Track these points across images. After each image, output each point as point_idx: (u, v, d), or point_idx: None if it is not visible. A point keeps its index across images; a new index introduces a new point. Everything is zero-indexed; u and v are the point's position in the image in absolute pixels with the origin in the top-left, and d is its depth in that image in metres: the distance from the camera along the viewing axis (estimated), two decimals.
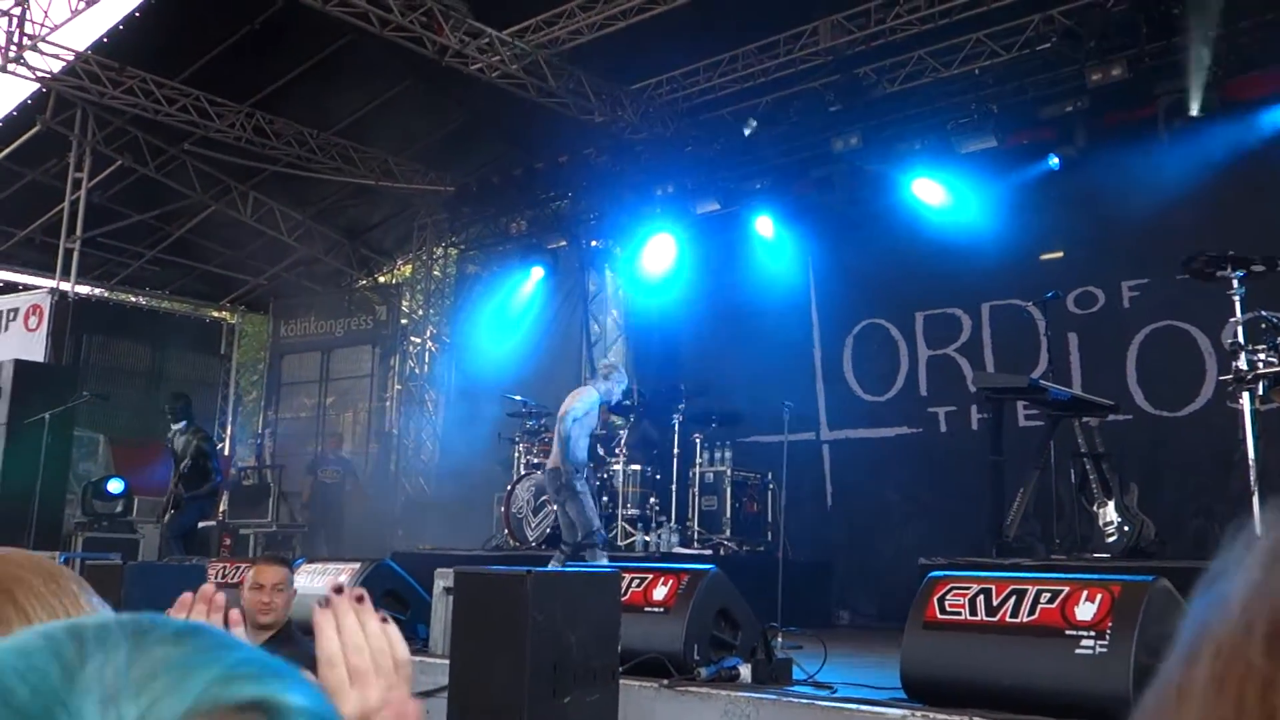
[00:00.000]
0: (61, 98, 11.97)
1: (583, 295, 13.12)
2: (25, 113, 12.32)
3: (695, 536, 9.51)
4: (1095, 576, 3.68)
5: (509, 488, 10.18)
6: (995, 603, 3.73)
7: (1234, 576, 0.47)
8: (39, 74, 11.25)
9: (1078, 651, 3.41)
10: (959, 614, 3.81)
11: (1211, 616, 0.46)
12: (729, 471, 9.64)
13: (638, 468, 9.70)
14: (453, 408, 14.30)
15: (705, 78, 11.03)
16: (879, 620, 9.13)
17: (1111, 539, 6.67)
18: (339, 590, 0.90)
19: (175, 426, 10.24)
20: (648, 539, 9.39)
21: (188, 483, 9.81)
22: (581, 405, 7.83)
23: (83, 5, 9.80)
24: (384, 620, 0.88)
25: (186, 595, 1.04)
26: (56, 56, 11.16)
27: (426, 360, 14.96)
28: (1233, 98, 8.44)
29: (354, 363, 15.45)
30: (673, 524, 9.42)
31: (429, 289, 15.15)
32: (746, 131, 10.49)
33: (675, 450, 9.78)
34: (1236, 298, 5.82)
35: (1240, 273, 5.82)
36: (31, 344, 13.40)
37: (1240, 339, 5.69)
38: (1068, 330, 9.20)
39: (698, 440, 9.81)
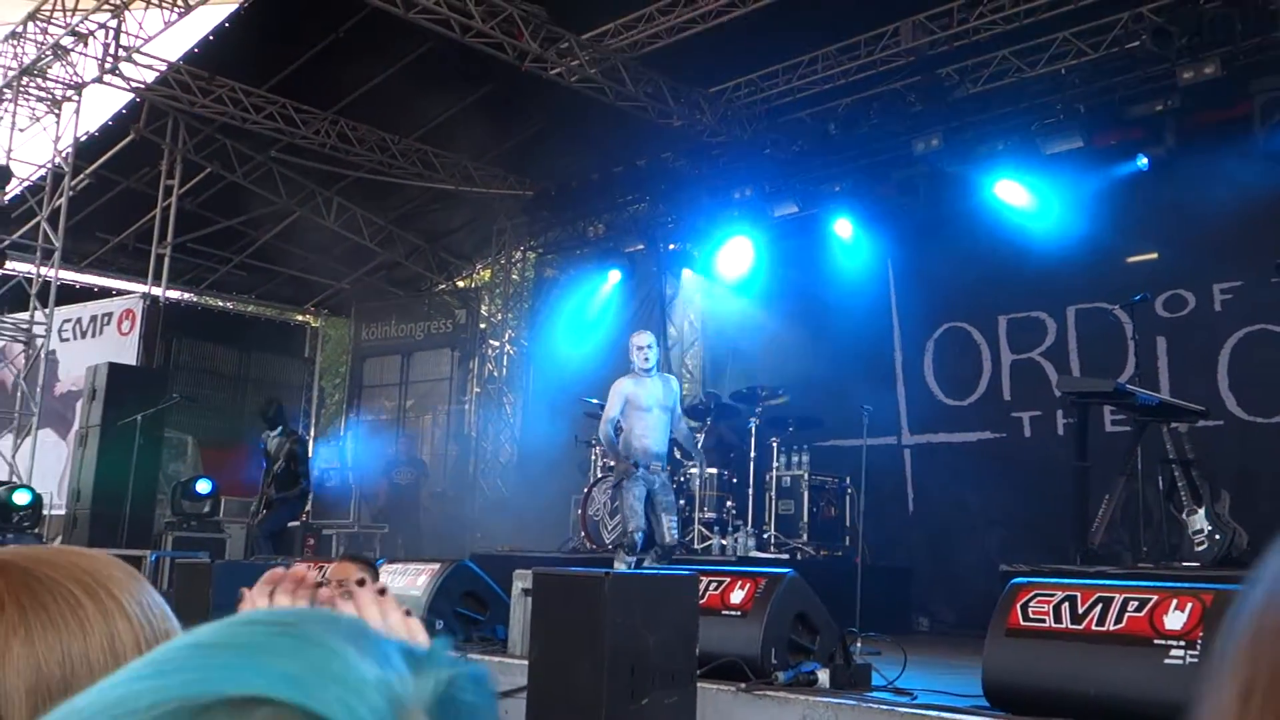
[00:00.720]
0: (154, 107, 12.31)
1: (660, 298, 13.12)
2: (120, 122, 12.69)
3: (772, 540, 9.46)
4: (1185, 585, 3.59)
5: (586, 490, 10.22)
6: (1080, 610, 3.65)
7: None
8: (133, 84, 11.58)
9: (1167, 661, 3.32)
10: (1043, 621, 3.74)
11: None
12: (806, 475, 9.58)
13: (714, 471, 9.68)
14: (530, 410, 14.41)
15: (784, 80, 10.98)
16: (959, 627, 8.99)
17: (1201, 548, 6.50)
18: (361, 582, 0.90)
19: (270, 431, 10.42)
20: (724, 542, 9.37)
21: (279, 484, 10.01)
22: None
23: (175, 17, 10.07)
24: (407, 614, 0.88)
25: (277, 570, 1.02)
26: (150, 67, 11.48)
27: (505, 363, 15.10)
28: None
29: (433, 366, 15.65)
30: (749, 528, 9.38)
31: (507, 293, 15.28)
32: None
33: (752, 454, 9.74)
34: None
35: None
36: (124, 347, 13.81)
37: None
38: (1156, 334, 8.98)
39: (774, 444, 9.76)
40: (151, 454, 11.26)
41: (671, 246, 13.21)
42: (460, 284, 16.79)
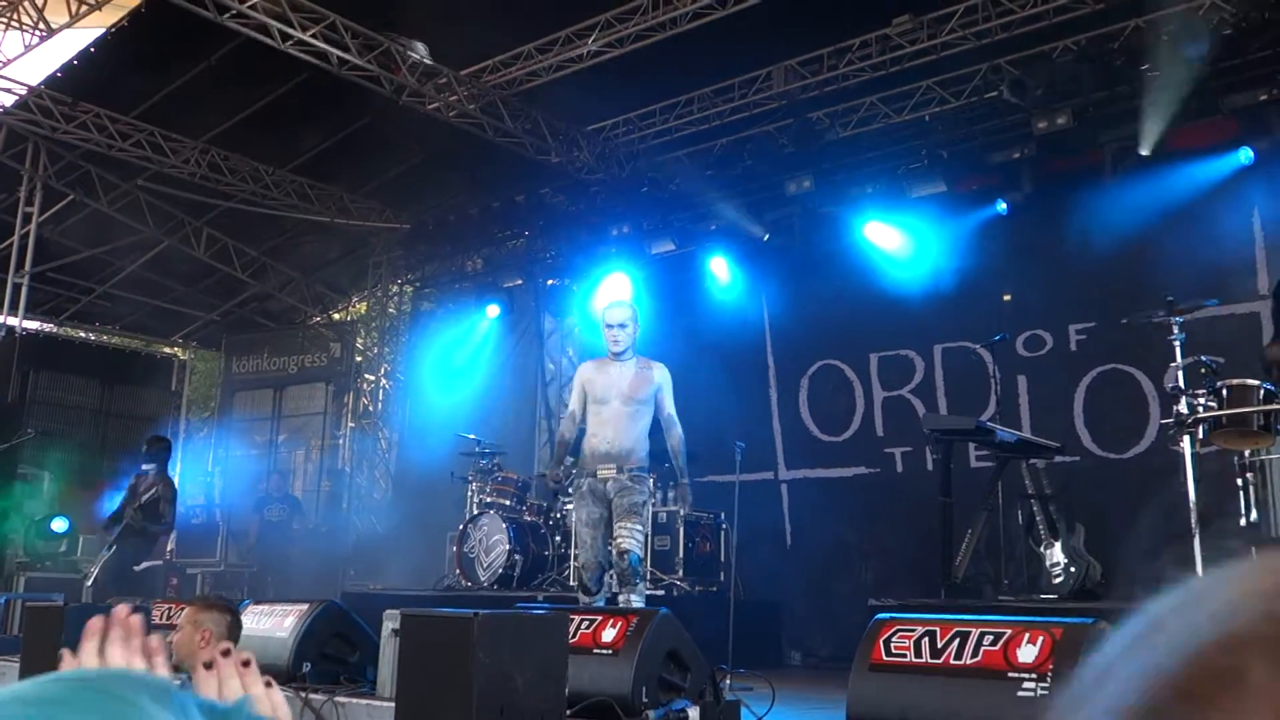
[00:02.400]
0: (13, 132, 11.87)
1: (538, 334, 13.12)
2: None
3: (648, 577, 9.47)
4: (1038, 619, 3.73)
5: (461, 527, 10.12)
6: (940, 644, 3.76)
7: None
8: None
9: (1019, 694, 3.44)
10: (904, 655, 3.84)
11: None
12: (681, 511, 9.63)
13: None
14: (406, 446, 14.22)
15: (661, 120, 11.14)
16: (834, 661, 9.13)
17: (1058, 580, 6.75)
18: (226, 653, 0.89)
19: (146, 467, 9.68)
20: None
21: (134, 523, 9.39)
22: None
23: (36, 41, 9.75)
24: (268, 685, 0.87)
25: (95, 620, 0.96)
26: (9, 91, 11.08)
27: (380, 398, 14.88)
28: (1177, 146, 8.64)
29: (307, 400, 15.33)
30: None
31: (384, 326, 15.09)
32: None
33: None
34: (1177, 343, 5.94)
35: (1180, 318, 5.95)
36: None
37: (1181, 383, 5.80)
38: (1017, 372, 9.32)
39: (652, 479, 9.80)
40: (4, 491, 10.77)
41: (550, 282, 13.24)
42: (335, 317, 16.53)
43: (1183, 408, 5.69)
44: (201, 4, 8.74)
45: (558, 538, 9.66)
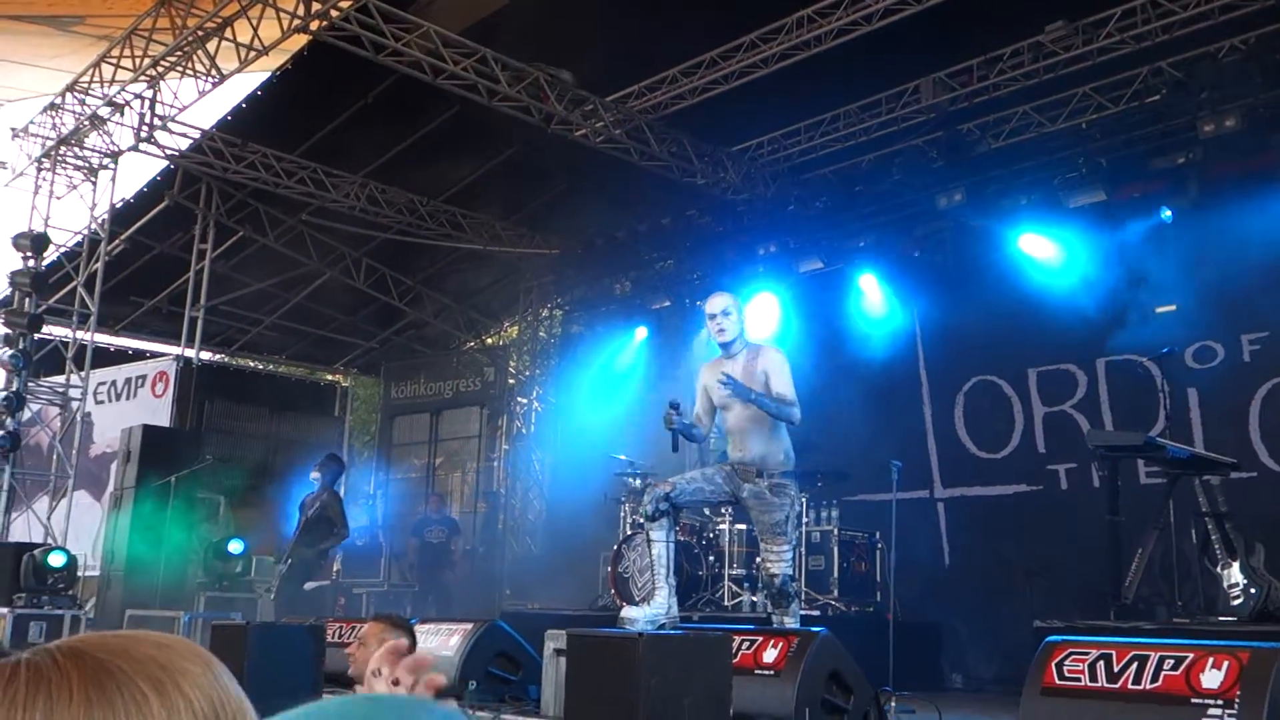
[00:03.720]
0: (188, 173, 12.57)
1: (687, 354, 13.17)
2: (155, 189, 12.95)
3: (802, 596, 9.41)
4: (1221, 644, 3.58)
5: (615, 547, 10.21)
6: (1116, 669, 3.64)
7: None
8: (167, 151, 11.83)
9: None
10: (1078, 680, 3.73)
11: None
12: (836, 531, 9.54)
13: (743, 527, 9.66)
14: (559, 467, 14.43)
15: (807, 137, 11.10)
16: (997, 684, 8.90)
17: (1237, 601, 6.44)
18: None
19: (314, 480, 9.93)
20: (754, 599, 9.32)
21: (307, 537, 9.73)
22: None
23: (209, 87, 10.31)
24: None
25: (401, 643, 1.13)
26: (184, 135, 11.75)
27: (533, 420, 15.16)
28: None
29: (462, 423, 15.72)
30: None
31: (535, 350, 15.39)
32: None
33: None
34: None
35: None
36: (158, 409, 13.97)
37: None
38: (1187, 385, 8.95)
39: (804, 499, 9.74)
40: (184, 515, 11.34)
41: (698, 303, 13.27)
42: (488, 341, 16.92)
43: None
44: (359, 44, 9.11)
45: (711, 557, 9.66)
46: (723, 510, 9.65)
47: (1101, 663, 3.70)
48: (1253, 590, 6.41)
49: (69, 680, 0.78)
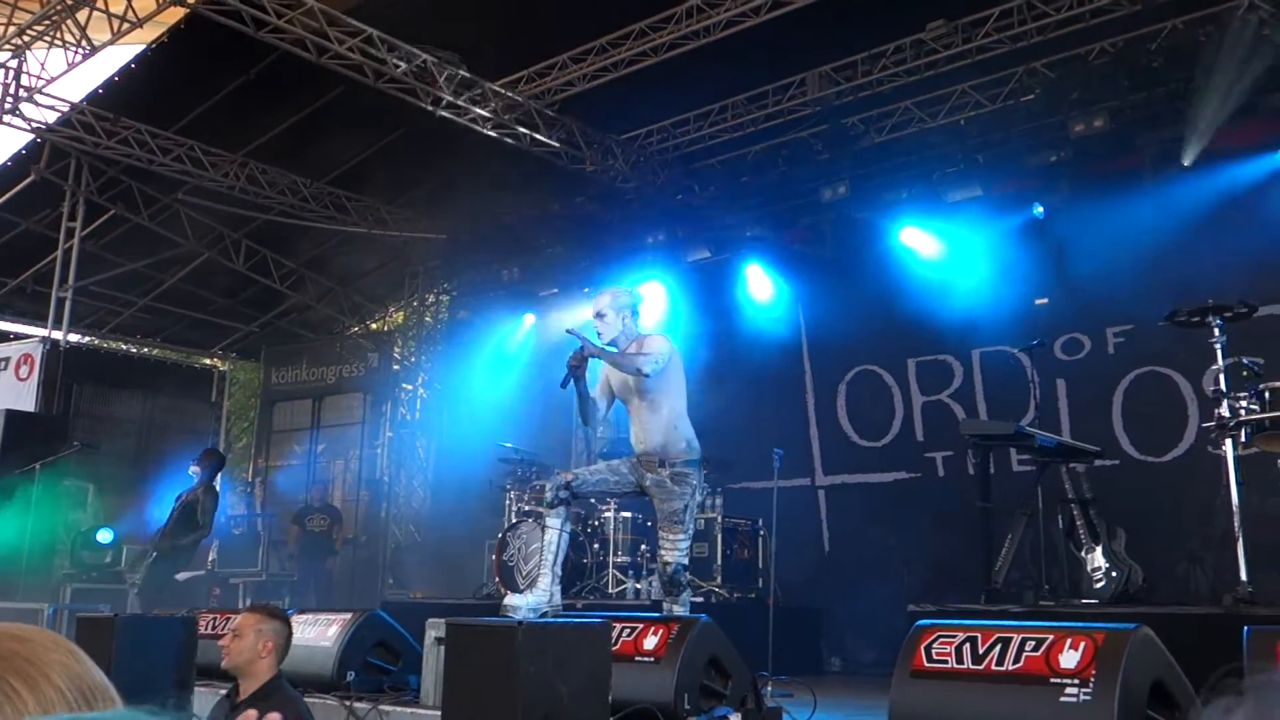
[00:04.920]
0: (56, 148, 12.06)
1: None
2: (20, 163, 12.41)
3: (689, 584, 9.48)
4: (1079, 625, 3.71)
5: (500, 535, 10.17)
6: (981, 650, 3.75)
7: None
8: (34, 125, 11.34)
9: (1062, 700, 3.43)
10: (946, 662, 3.84)
11: None
12: (719, 518, 9.65)
13: (628, 515, 9.71)
14: (444, 455, 14.30)
15: (695, 127, 11.16)
16: (875, 667, 9.11)
17: (1100, 585, 6.70)
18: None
19: (193, 475, 9.50)
20: (639, 586, 9.38)
21: (176, 528, 9.43)
22: None
23: (79, 59, 9.90)
24: None
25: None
26: (52, 108, 11.27)
27: (418, 407, 14.98)
28: (1216, 147, 8.57)
29: (345, 409, 15.46)
30: None
31: (421, 335, 15.20)
32: None
33: None
34: (1218, 345, 5.90)
35: (1220, 320, 5.90)
36: (22, 393, 13.40)
37: (1223, 386, 5.76)
38: (1056, 376, 9.28)
39: (705, 489, 9.81)
40: (50, 503, 10.92)
41: (586, 290, 13.27)
42: (373, 327, 16.66)
43: (1224, 410, 5.64)
44: (240, 19, 8.86)
45: (596, 545, 9.69)
46: (608, 499, 9.69)
47: (968, 645, 3.81)
48: (1114, 574, 6.68)
49: None
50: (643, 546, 9.65)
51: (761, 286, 11.39)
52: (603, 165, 11.28)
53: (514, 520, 10.15)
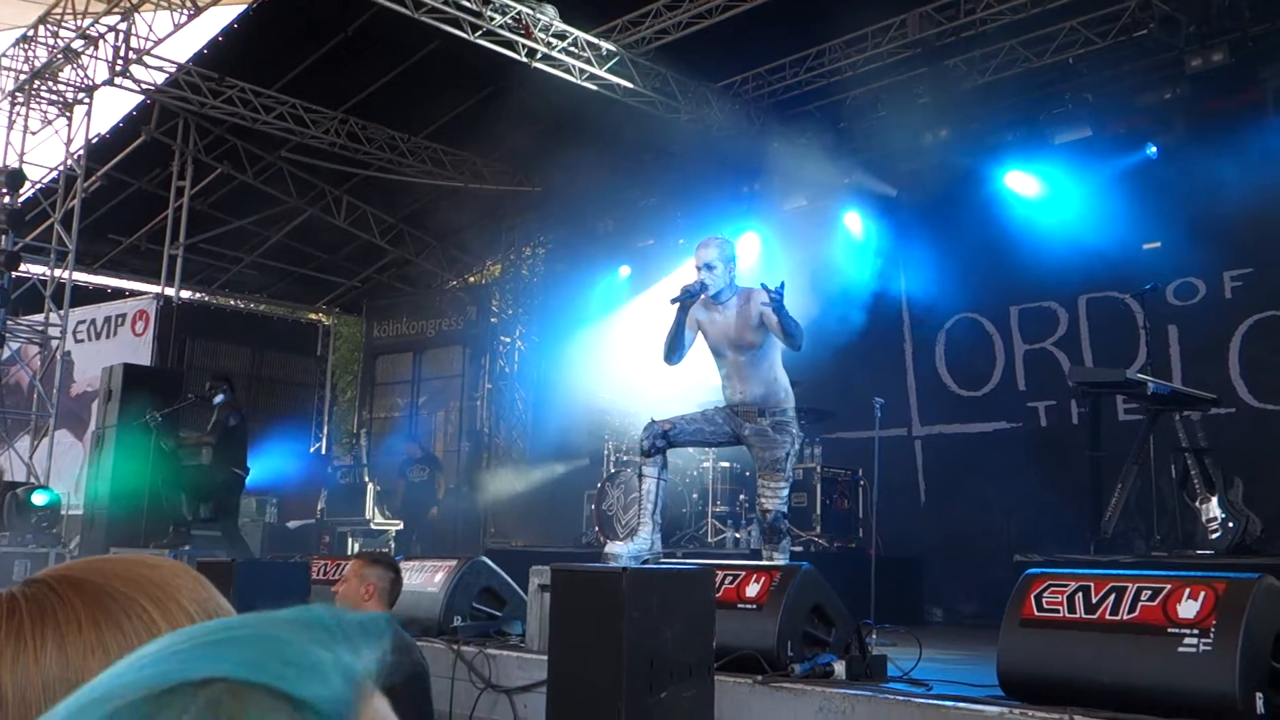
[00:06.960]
0: (165, 109, 12.38)
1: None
2: (131, 124, 12.77)
3: (790, 533, 9.47)
4: (1198, 574, 3.61)
5: (599, 485, 10.26)
6: (1094, 600, 3.67)
7: None
8: (144, 86, 11.64)
9: (1180, 650, 3.35)
10: (1057, 611, 3.77)
11: None
12: (819, 468, 9.59)
13: (727, 465, 9.71)
14: (542, 406, 14.45)
15: (792, 73, 10.99)
16: (977, 618, 9.02)
17: (1215, 535, 6.51)
18: None
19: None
20: (738, 535, 9.40)
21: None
22: None
23: (184, 19, 10.12)
24: None
25: None
26: (160, 69, 11.54)
27: (516, 359, 15.14)
28: None
29: (445, 363, 15.70)
30: None
31: (518, 289, 15.33)
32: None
33: None
34: None
35: None
36: (139, 348, 13.89)
37: None
38: (1168, 322, 8.99)
39: (802, 438, 9.77)
40: (169, 454, 11.29)
41: (681, 241, 13.22)
42: (471, 280, 16.85)
43: None
44: None
45: (695, 494, 9.71)
46: (708, 449, 9.69)
47: (1080, 594, 3.73)
48: (1230, 524, 6.49)
49: (74, 608, 0.78)
50: (741, 496, 9.65)
51: (859, 234, 11.22)
52: (697, 114, 11.18)
53: (613, 470, 10.23)
